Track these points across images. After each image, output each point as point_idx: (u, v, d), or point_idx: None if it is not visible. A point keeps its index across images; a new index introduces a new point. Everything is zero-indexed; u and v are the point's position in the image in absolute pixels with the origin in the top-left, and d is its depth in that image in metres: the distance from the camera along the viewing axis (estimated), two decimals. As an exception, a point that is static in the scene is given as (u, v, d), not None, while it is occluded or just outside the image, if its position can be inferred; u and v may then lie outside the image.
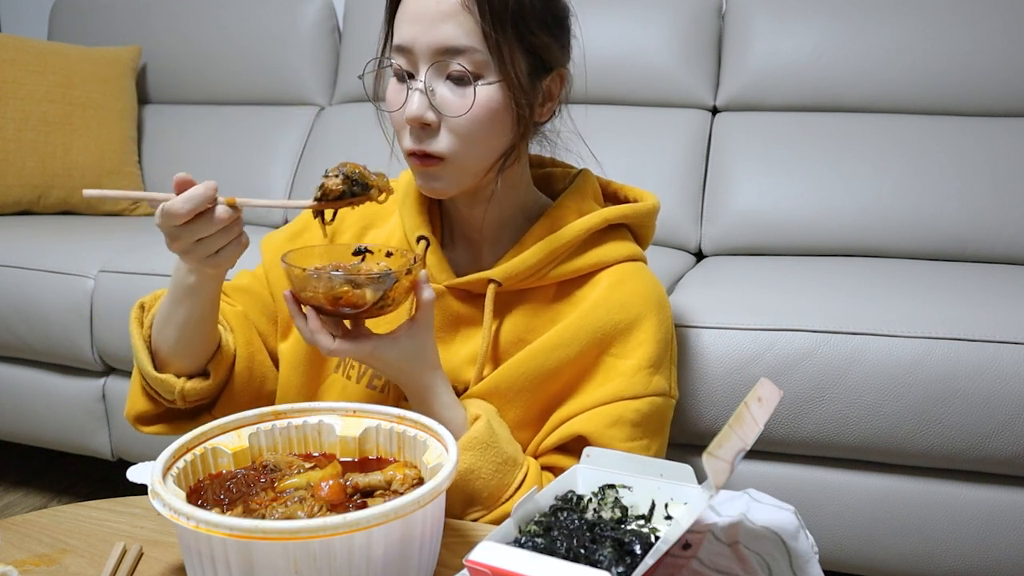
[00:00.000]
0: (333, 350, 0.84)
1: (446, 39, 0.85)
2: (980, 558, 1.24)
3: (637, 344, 0.94)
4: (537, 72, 0.91)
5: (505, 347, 0.97)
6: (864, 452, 1.25)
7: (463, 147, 0.88)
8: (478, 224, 0.99)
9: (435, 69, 0.87)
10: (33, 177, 2.10)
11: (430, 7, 0.86)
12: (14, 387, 1.78)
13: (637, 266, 0.99)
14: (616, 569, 0.59)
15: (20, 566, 0.76)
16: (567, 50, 0.95)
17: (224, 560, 0.63)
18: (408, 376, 0.88)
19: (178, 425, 1.01)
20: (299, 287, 0.82)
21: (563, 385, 0.95)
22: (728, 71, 1.96)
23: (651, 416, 0.94)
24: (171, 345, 0.94)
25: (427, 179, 0.92)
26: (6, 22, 2.81)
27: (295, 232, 1.07)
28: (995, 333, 1.20)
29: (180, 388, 0.95)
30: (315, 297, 0.81)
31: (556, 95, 0.95)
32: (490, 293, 0.95)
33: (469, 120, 0.87)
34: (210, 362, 0.97)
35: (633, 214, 1.01)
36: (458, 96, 0.87)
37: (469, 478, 0.87)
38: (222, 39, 2.32)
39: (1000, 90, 1.78)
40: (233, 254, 0.85)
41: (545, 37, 0.90)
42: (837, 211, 1.74)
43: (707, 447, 0.56)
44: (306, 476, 0.75)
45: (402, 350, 0.86)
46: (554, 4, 0.91)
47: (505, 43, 0.86)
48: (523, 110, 0.89)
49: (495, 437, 0.89)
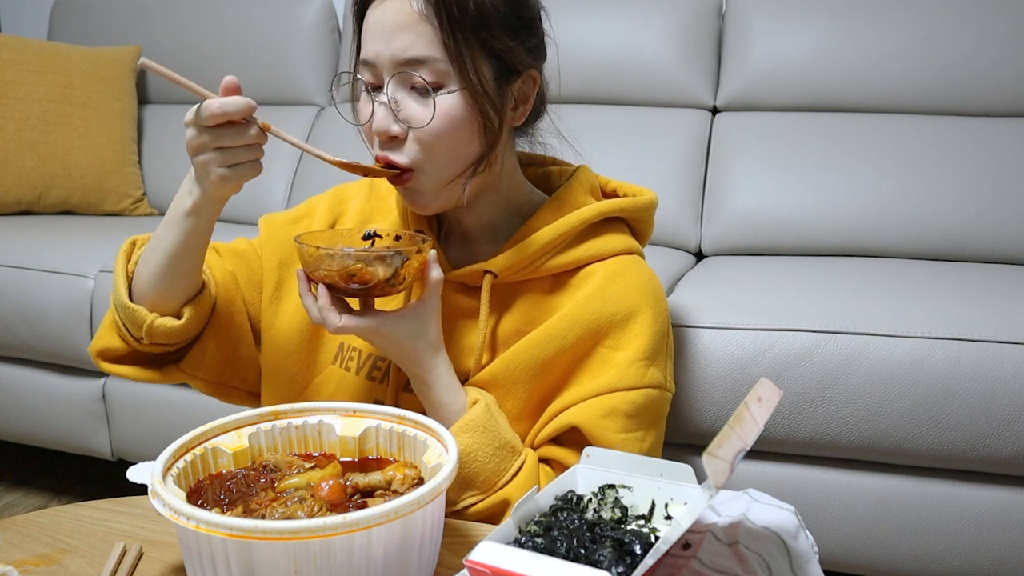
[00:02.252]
0: (341, 327, 0.86)
1: (406, 50, 0.86)
2: (980, 558, 1.24)
3: (632, 336, 0.94)
4: (504, 76, 0.90)
5: (502, 339, 0.97)
6: (864, 452, 1.25)
7: (430, 156, 0.89)
8: (471, 226, 1.00)
9: (398, 80, 0.88)
10: (33, 177, 2.10)
11: (389, 19, 0.86)
12: (14, 387, 1.78)
13: (633, 259, 1.00)
14: (616, 569, 0.59)
15: (20, 566, 0.76)
16: (539, 51, 0.95)
17: (224, 560, 0.63)
18: (411, 356, 0.89)
19: (142, 370, 0.99)
20: (312, 266, 0.85)
21: (559, 377, 0.95)
22: (728, 71, 1.96)
23: (646, 408, 0.94)
24: (152, 274, 0.92)
25: (407, 195, 0.94)
26: (6, 22, 2.81)
27: (296, 216, 1.09)
28: (995, 333, 1.20)
29: (149, 323, 0.92)
30: (329, 275, 0.84)
31: (529, 97, 0.95)
32: (486, 284, 0.96)
33: (433, 130, 0.87)
34: (187, 304, 0.95)
35: (631, 207, 1.02)
36: (422, 106, 0.88)
37: (466, 460, 0.88)
38: (222, 39, 2.32)
39: (1000, 90, 1.78)
40: (245, 174, 0.86)
41: (510, 41, 0.89)
42: (837, 211, 1.74)
43: (707, 447, 0.56)
44: (306, 476, 0.75)
45: (407, 328, 0.88)
46: (520, 6, 0.91)
47: (467, 51, 0.86)
48: (489, 117, 0.89)
49: (493, 421, 0.89)
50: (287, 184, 2.17)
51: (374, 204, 1.08)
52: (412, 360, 0.90)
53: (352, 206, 1.08)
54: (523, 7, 0.91)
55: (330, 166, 0.93)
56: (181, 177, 0.93)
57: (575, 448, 0.93)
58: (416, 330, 0.89)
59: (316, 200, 1.10)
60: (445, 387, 0.91)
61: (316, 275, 0.85)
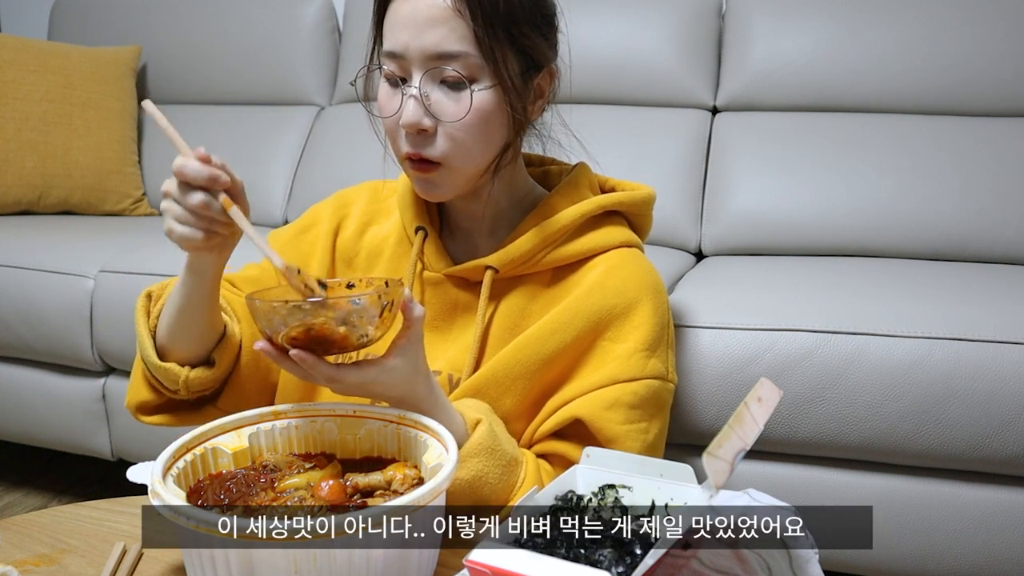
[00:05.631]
0: (352, 382, 0.77)
1: (439, 44, 0.85)
2: (980, 558, 1.24)
3: (632, 328, 0.94)
4: (528, 71, 0.91)
5: (502, 333, 0.97)
6: (864, 452, 1.25)
7: (460, 151, 0.89)
8: (475, 217, 1.00)
9: (429, 74, 0.87)
10: (33, 177, 2.10)
11: (421, 12, 0.85)
12: (14, 387, 1.78)
13: (632, 252, 1.00)
14: (616, 569, 0.59)
15: (20, 566, 0.76)
16: (555, 46, 0.96)
17: (224, 560, 0.63)
18: (413, 394, 0.82)
19: (180, 416, 0.99)
20: (273, 328, 0.74)
21: (559, 372, 0.95)
22: (728, 71, 1.96)
23: (648, 399, 0.94)
24: (173, 331, 0.92)
25: (426, 185, 0.92)
26: (6, 22, 2.81)
27: (302, 227, 1.08)
28: (995, 333, 1.20)
29: (184, 377, 0.92)
30: (327, 328, 0.73)
31: (546, 92, 0.96)
32: (487, 279, 0.96)
33: (466, 125, 0.87)
34: (215, 350, 0.95)
35: (629, 201, 1.02)
36: (454, 101, 0.87)
37: (477, 485, 0.84)
38: (222, 39, 2.32)
39: (1000, 90, 1.78)
40: (194, 239, 0.80)
41: (536, 37, 0.90)
42: (837, 211, 1.74)
43: (707, 447, 0.56)
44: (306, 476, 0.75)
45: (407, 368, 0.80)
46: (543, 3, 0.92)
47: (498, 46, 0.86)
48: (517, 111, 0.90)
49: (497, 440, 0.88)
50: (287, 185, 2.16)
51: (375, 207, 1.08)
52: (416, 397, 0.82)
53: (354, 210, 1.08)
54: (545, 3, 0.92)
55: (329, 167, 0.92)
56: (181, 177, 0.93)
57: (578, 441, 0.93)
58: (413, 367, 0.80)
59: (319, 208, 1.10)
60: (442, 412, 0.84)
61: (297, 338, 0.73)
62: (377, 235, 1.06)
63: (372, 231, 1.06)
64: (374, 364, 0.78)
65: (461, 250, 1.01)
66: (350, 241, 1.06)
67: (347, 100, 2.24)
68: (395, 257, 1.03)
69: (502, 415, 0.94)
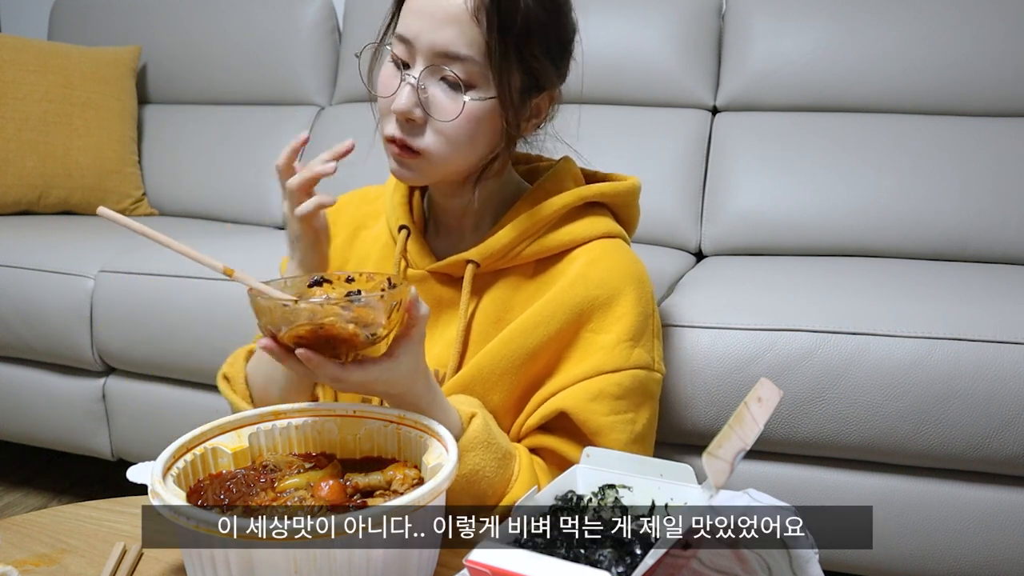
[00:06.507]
0: (357, 381, 0.77)
1: (449, 44, 0.86)
2: (980, 558, 1.24)
3: (615, 319, 0.94)
4: (529, 90, 0.91)
5: (485, 327, 0.97)
6: (864, 452, 1.25)
7: (444, 149, 0.89)
8: (459, 215, 1.00)
9: (431, 69, 0.87)
10: (33, 177, 2.10)
11: (441, 6, 0.86)
12: (14, 387, 1.78)
13: (615, 242, 0.99)
14: (616, 569, 0.59)
15: (20, 566, 0.76)
16: (563, 74, 0.96)
17: (224, 560, 0.63)
18: (412, 392, 0.82)
19: None
20: (283, 323, 0.72)
21: (544, 365, 0.95)
22: (728, 71, 1.96)
23: (633, 389, 0.94)
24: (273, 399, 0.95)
25: (401, 168, 0.92)
26: (6, 22, 2.81)
27: None
28: (995, 333, 1.20)
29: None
30: (334, 327, 0.72)
31: (543, 112, 0.96)
32: (468, 273, 0.96)
33: (455, 126, 0.88)
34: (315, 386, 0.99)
35: (611, 192, 1.02)
36: (449, 100, 0.88)
37: (475, 479, 0.85)
38: (222, 39, 2.32)
39: (1000, 90, 1.78)
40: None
41: (544, 60, 0.90)
42: (837, 211, 1.74)
43: (707, 447, 0.56)
44: (306, 476, 0.75)
45: (409, 366, 0.80)
46: (562, 28, 0.92)
47: (505, 60, 0.86)
48: (511, 125, 0.90)
49: (492, 433, 0.88)
50: (287, 184, 2.16)
51: (365, 210, 1.09)
52: (415, 394, 0.81)
53: (344, 215, 1.09)
54: (564, 30, 0.93)
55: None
56: (181, 177, 0.93)
57: (564, 435, 0.93)
58: (415, 365, 0.80)
59: None
60: (439, 409, 0.85)
61: (304, 336, 0.71)
62: (367, 238, 1.07)
63: (362, 235, 1.07)
64: (378, 362, 0.77)
65: (445, 247, 1.02)
66: (341, 248, 1.07)
67: (347, 100, 2.24)
68: (382, 257, 1.04)
69: (490, 411, 0.94)
